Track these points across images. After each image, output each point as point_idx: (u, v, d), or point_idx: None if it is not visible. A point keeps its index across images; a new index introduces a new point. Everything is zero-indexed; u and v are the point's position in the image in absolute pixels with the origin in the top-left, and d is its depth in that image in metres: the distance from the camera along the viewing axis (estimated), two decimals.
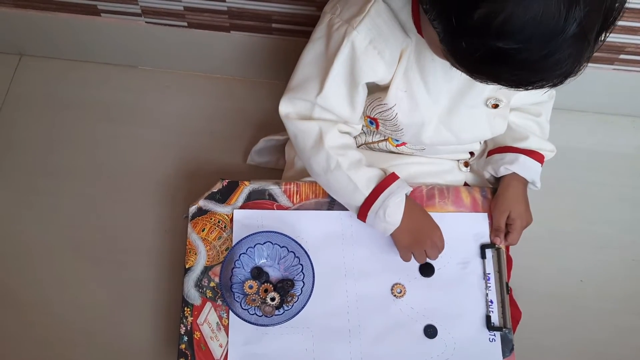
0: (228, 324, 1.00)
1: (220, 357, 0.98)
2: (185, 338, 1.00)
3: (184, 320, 1.00)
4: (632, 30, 1.21)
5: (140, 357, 1.26)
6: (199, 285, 1.02)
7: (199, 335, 1.00)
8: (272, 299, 0.99)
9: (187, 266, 1.03)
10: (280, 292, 1.00)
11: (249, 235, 1.00)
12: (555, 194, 1.37)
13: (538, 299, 1.29)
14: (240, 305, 0.99)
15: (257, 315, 0.98)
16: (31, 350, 1.27)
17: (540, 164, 1.06)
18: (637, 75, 1.34)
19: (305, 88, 0.93)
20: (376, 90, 0.96)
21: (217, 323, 1.00)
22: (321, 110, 0.95)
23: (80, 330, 1.28)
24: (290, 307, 0.98)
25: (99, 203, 1.38)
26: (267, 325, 0.97)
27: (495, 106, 0.96)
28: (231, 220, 1.05)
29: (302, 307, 0.97)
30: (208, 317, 1.01)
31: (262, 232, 1.01)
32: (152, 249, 1.34)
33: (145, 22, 1.36)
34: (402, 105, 0.94)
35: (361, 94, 0.93)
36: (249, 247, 1.01)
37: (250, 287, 1.00)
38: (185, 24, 1.35)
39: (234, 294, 0.99)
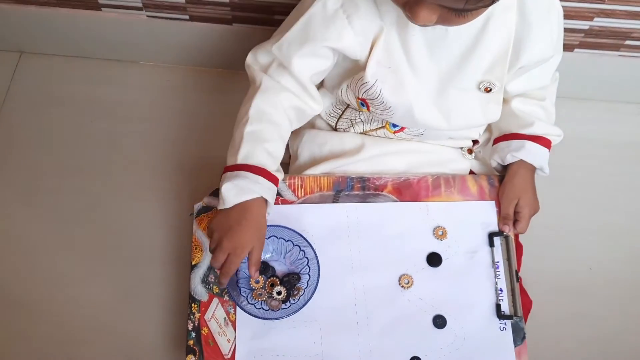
0: (235, 319, 1.00)
1: (229, 352, 0.98)
2: (193, 334, 0.99)
3: (192, 317, 1.00)
4: (637, 16, 1.20)
5: (149, 352, 1.26)
6: (205, 281, 1.02)
7: (206, 331, 0.99)
8: (279, 293, 0.99)
9: (193, 263, 1.03)
10: (286, 286, 0.99)
11: None
12: (561, 183, 1.36)
13: (547, 288, 1.29)
14: (247, 300, 0.98)
15: (263, 309, 0.98)
16: (37, 348, 1.27)
17: (547, 150, 1.04)
18: None
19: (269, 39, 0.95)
20: (359, 70, 0.95)
21: (225, 318, 1.00)
22: (277, 69, 0.96)
23: (87, 328, 1.28)
24: (296, 300, 0.98)
25: (103, 200, 1.38)
26: (274, 319, 0.97)
27: (488, 90, 0.95)
28: None
29: (308, 300, 0.97)
30: (215, 313, 1.00)
31: (267, 226, 1.00)
32: (158, 245, 1.34)
33: (147, 15, 1.35)
34: (385, 82, 0.93)
35: (321, 59, 0.93)
36: None
37: (257, 282, 1.00)
38: (187, 17, 1.34)
39: (240, 289, 0.99)
